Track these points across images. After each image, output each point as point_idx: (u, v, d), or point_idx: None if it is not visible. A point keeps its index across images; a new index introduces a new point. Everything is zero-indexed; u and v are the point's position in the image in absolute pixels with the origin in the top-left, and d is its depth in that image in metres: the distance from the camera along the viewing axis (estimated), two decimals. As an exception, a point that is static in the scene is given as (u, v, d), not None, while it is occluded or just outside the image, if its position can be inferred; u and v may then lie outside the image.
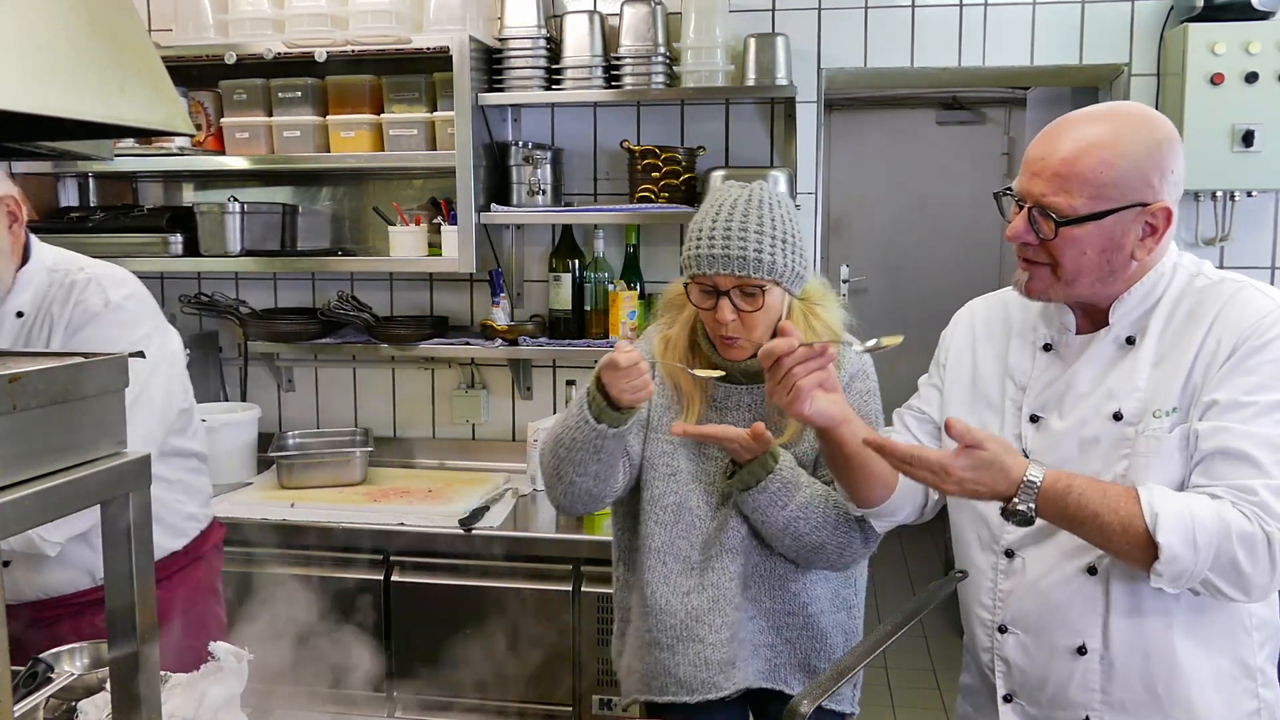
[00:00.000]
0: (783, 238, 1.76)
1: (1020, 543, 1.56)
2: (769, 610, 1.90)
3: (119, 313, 1.96)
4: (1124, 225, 1.43)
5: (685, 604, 1.87)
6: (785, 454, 1.83)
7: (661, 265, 3.21)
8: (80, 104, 0.98)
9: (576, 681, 2.67)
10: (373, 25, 2.90)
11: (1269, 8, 2.77)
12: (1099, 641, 1.50)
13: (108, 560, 1.07)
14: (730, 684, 1.86)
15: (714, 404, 1.89)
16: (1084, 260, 1.44)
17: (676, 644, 1.87)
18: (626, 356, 1.66)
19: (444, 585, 2.69)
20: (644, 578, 1.90)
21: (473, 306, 3.33)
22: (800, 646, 1.92)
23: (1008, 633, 1.58)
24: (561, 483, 1.82)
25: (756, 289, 1.75)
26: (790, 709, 1.31)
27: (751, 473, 1.78)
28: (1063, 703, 1.54)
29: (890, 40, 3.03)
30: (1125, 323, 1.50)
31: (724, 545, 1.86)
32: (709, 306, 1.79)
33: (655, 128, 3.16)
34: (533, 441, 3.03)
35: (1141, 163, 1.41)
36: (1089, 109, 1.49)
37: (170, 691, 1.48)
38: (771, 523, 1.81)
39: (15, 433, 0.92)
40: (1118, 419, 1.47)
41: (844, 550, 1.83)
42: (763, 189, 1.80)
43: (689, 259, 1.78)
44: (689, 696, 1.86)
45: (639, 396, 1.69)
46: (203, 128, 3.13)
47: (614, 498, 1.90)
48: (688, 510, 1.88)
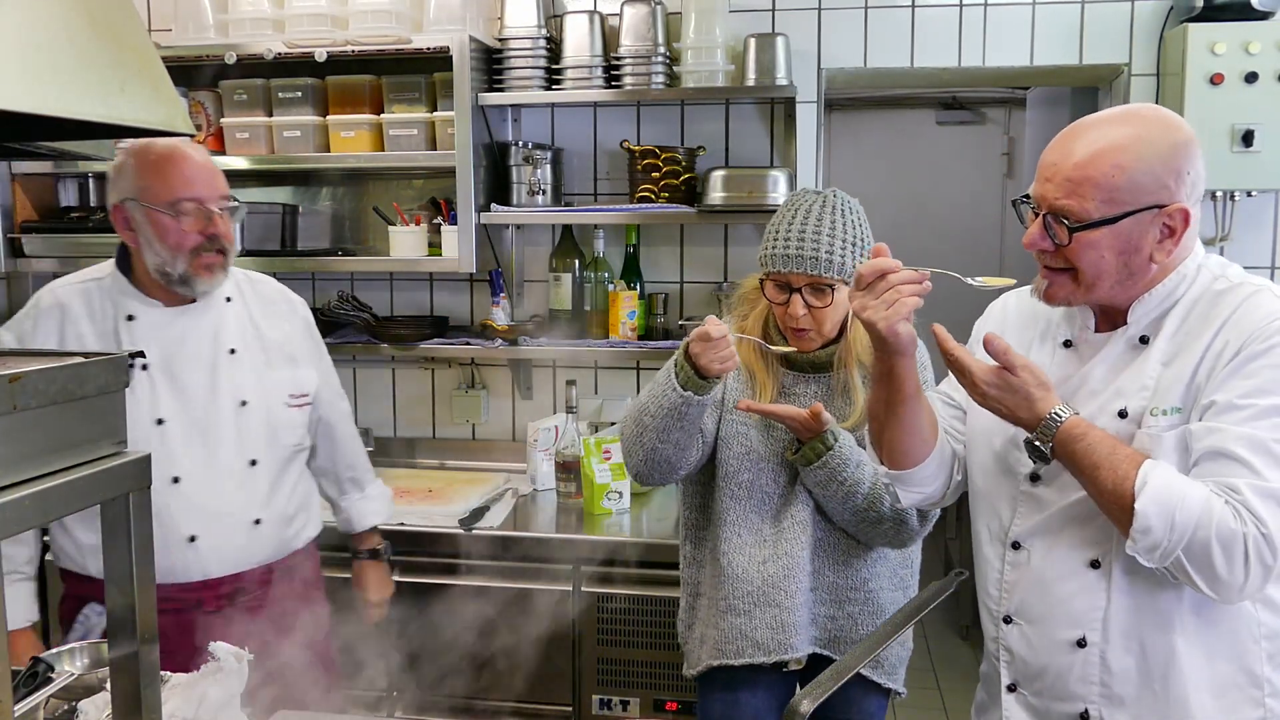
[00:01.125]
0: (853, 241, 1.94)
1: (1027, 535, 1.57)
2: (832, 584, 2.03)
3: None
4: (1141, 228, 1.43)
5: (761, 572, 2.00)
6: (845, 434, 1.96)
7: (661, 265, 3.22)
8: (80, 104, 0.98)
9: (576, 681, 2.68)
10: (373, 25, 2.90)
11: (1269, 8, 2.77)
12: (1099, 635, 1.51)
13: (108, 560, 1.07)
14: (804, 646, 2.01)
15: (783, 390, 2.05)
16: (1102, 264, 1.45)
17: (754, 609, 2.00)
18: (717, 328, 1.82)
19: (444, 585, 2.69)
20: (720, 549, 2.03)
21: (473, 306, 3.33)
22: (861, 621, 2.04)
23: (1011, 623, 1.60)
24: (643, 449, 1.96)
25: (827, 287, 1.93)
26: (790, 708, 1.31)
27: (813, 449, 1.93)
28: (1062, 694, 1.55)
29: (890, 40, 3.03)
30: (1142, 323, 1.51)
31: (794, 519, 2.00)
32: (782, 301, 1.96)
33: (655, 128, 3.16)
34: (533, 441, 3.03)
35: (1156, 165, 1.41)
36: (1105, 112, 1.49)
37: (170, 691, 1.49)
38: (831, 497, 1.96)
39: (15, 433, 0.92)
40: (1122, 416, 1.48)
41: (900, 527, 1.98)
42: (836, 195, 1.97)
43: (766, 257, 1.96)
44: (765, 657, 2.00)
45: (725, 366, 1.85)
46: (203, 128, 3.13)
47: (688, 470, 2.03)
48: (759, 486, 2.02)
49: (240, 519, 2.06)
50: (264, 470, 2.10)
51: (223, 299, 2.10)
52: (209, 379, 2.04)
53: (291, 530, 2.19)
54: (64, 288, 2.06)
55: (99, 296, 2.04)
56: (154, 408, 2.00)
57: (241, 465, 2.07)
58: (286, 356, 2.19)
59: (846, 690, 1.73)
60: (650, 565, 2.62)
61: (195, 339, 2.05)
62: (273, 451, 2.12)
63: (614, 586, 2.64)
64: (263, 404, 2.10)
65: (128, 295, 2.03)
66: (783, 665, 2.05)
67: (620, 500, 2.83)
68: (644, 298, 3.11)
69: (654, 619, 2.62)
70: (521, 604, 2.66)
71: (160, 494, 1.95)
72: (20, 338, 2.02)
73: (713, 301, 3.15)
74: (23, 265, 3.11)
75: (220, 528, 2.04)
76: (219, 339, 2.07)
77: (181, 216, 1.95)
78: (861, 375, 2.02)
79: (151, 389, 2.00)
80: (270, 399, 2.12)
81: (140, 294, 2.04)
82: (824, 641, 2.05)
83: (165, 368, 2.01)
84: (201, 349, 2.05)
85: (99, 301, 2.04)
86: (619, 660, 2.65)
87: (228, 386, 2.06)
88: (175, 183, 1.94)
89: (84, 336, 2.01)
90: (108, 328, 2.02)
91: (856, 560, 2.04)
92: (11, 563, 2.00)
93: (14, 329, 2.04)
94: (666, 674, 2.62)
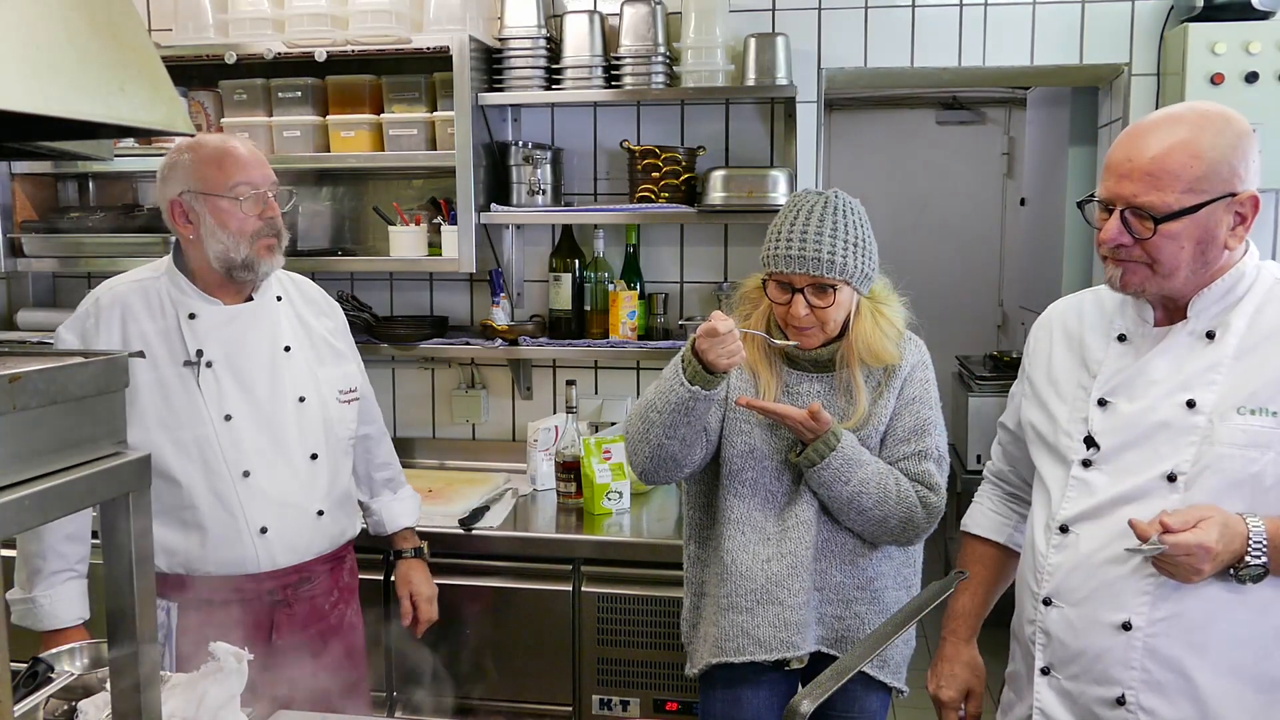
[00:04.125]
0: (854, 241, 1.94)
1: (1075, 519, 1.59)
2: (839, 584, 2.04)
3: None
4: (1216, 217, 1.47)
5: (765, 570, 2.00)
6: (848, 434, 1.97)
7: (661, 265, 3.22)
8: (80, 104, 0.98)
9: (576, 681, 2.68)
10: (373, 25, 2.90)
11: (1269, 8, 2.77)
12: (1144, 619, 1.51)
13: (107, 561, 1.07)
14: (806, 644, 2.01)
15: (787, 389, 2.05)
16: (1181, 254, 1.48)
17: (757, 607, 2.00)
18: (724, 324, 1.85)
19: (444, 585, 2.68)
20: (724, 546, 2.04)
21: (473, 306, 3.33)
22: (868, 620, 2.05)
23: (1051, 605, 1.61)
24: (649, 445, 1.97)
25: (829, 287, 1.94)
26: (790, 708, 1.31)
27: (816, 450, 1.93)
28: (1100, 678, 1.55)
29: (890, 40, 3.03)
30: (1205, 317, 1.54)
31: (798, 518, 2.01)
32: (785, 302, 1.97)
33: (655, 128, 3.16)
34: (533, 441, 3.03)
35: (1226, 154, 1.46)
36: (1163, 111, 1.54)
37: (170, 691, 1.49)
38: (836, 497, 1.96)
39: (15, 433, 0.92)
40: (1190, 407, 1.51)
41: (907, 525, 1.99)
42: (838, 195, 1.98)
43: (768, 258, 1.96)
44: (766, 655, 2.00)
45: (732, 361, 1.87)
46: (203, 128, 3.13)
47: (692, 469, 2.05)
48: (763, 484, 2.03)
49: (306, 510, 2.12)
50: (324, 463, 2.16)
51: (274, 298, 2.15)
52: (269, 375, 2.09)
53: (347, 522, 2.27)
54: (122, 285, 2.08)
55: (157, 294, 2.07)
56: (221, 404, 2.03)
57: (304, 459, 2.12)
58: (334, 353, 2.24)
59: (848, 688, 1.74)
60: (650, 565, 2.62)
61: (255, 336, 2.09)
62: (330, 445, 2.17)
63: (614, 586, 2.64)
64: (318, 399, 2.15)
65: (188, 294, 2.06)
66: (784, 664, 2.05)
67: (620, 500, 2.83)
68: (644, 298, 3.11)
69: (654, 619, 2.62)
70: (521, 604, 2.66)
71: (233, 487, 2.02)
72: (83, 337, 2.04)
73: (713, 301, 3.15)
74: (23, 265, 3.11)
75: (289, 519, 2.09)
76: (275, 336, 2.11)
77: (241, 201, 2.01)
78: (864, 374, 2.03)
79: (217, 386, 2.04)
80: (324, 394, 2.17)
81: (201, 292, 2.07)
82: (831, 641, 2.05)
83: (229, 364, 2.05)
84: (261, 346, 2.09)
85: (158, 299, 2.06)
86: (619, 660, 2.65)
87: (287, 382, 2.11)
88: (232, 170, 2.01)
89: (146, 334, 2.03)
90: (170, 325, 2.04)
91: (863, 560, 2.05)
92: (65, 560, 2.03)
93: (75, 328, 2.06)
94: (666, 674, 2.62)
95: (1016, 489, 1.90)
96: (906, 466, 2.01)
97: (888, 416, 2.03)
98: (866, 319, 2.01)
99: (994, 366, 4.25)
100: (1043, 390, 1.72)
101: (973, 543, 1.93)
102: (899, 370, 2.03)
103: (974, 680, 1.87)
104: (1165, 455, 1.52)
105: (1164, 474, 1.51)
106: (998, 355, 4.39)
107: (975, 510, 1.96)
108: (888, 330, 2.02)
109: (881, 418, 2.02)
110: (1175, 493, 1.50)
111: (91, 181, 3.39)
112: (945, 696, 1.86)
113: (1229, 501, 1.46)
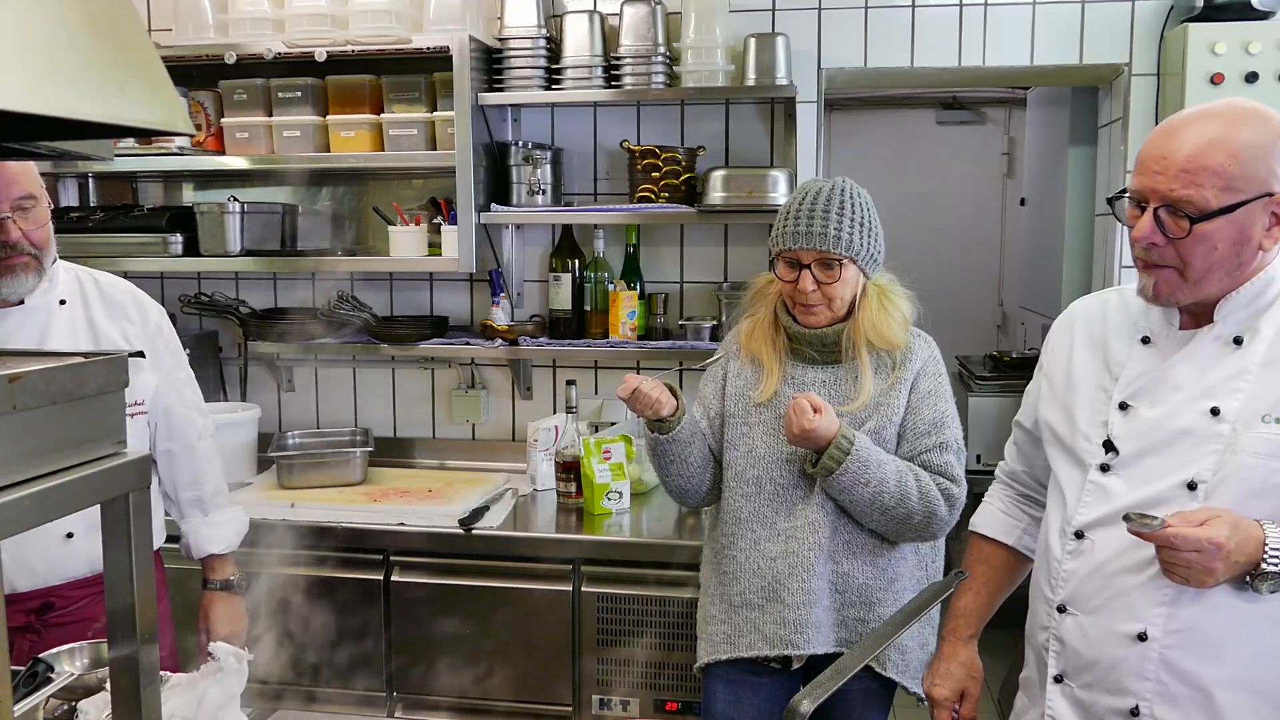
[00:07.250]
0: (860, 221, 2.01)
1: (1091, 525, 1.55)
2: (861, 585, 2.05)
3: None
4: (1252, 217, 1.42)
5: (772, 568, 2.05)
6: (860, 435, 1.98)
7: (661, 265, 3.21)
8: (80, 104, 0.98)
9: (576, 681, 2.67)
10: (373, 25, 2.89)
11: (1269, 8, 2.77)
12: (1160, 630, 1.48)
13: (107, 560, 1.07)
14: (807, 646, 2.02)
15: (791, 379, 2.09)
16: (1214, 256, 1.43)
17: (765, 604, 2.05)
18: (622, 390, 1.98)
19: (444, 585, 2.69)
20: (737, 544, 2.08)
21: (473, 306, 3.33)
22: (891, 620, 2.01)
23: (1066, 613, 1.58)
24: (661, 482, 2.16)
25: (835, 262, 1.99)
26: (791, 708, 1.31)
27: (831, 457, 1.95)
28: (1114, 688, 1.52)
29: (890, 40, 3.03)
30: (1232, 321, 1.49)
31: (807, 518, 2.03)
32: (792, 279, 2.01)
33: (655, 128, 3.16)
34: (533, 441, 3.03)
35: (1263, 153, 1.41)
36: (1197, 108, 1.48)
37: (170, 691, 1.48)
38: (858, 500, 1.97)
39: (15, 433, 0.92)
40: (1214, 414, 1.46)
41: (930, 519, 2.00)
42: (845, 181, 2.05)
43: (777, 236, 2.03)
44: (770, 650, 2.04)
45: (656, 411, 2.01)
46: (203, 128, 3.13)
47: (709, 488, 2.15)
48: (768, 484, 2.06)
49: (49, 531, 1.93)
50: None
51: (55, 301, 2.04)
52: None
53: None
54: None
55: None
56: None
57: None
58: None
59: (849, 687, 1.73)
60: (650, 565, 2.62)
61: (20, 341, 1.97)
62: None
63: (614, 586, 2.64)
64: None
65: None
66: (788, 663, 2.06)
67: (620, 500, 2.83)
68: (644, 298, 3.11)
69: (654, 619, 2.62)
70: (521, 604, 2.66)
71: None
72: None
73: (713, 301, 3.15)
74: (23, 265, 3.11)
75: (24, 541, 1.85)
76: (44, 341, 2.00)
77: None
78: (872, 361, 2.03)
79: None
80: None
81: None
82: (851, 643, 2.04)
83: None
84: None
85: None
86: (619, 660, 2.64)
87: None
88: None
89: None
90: None
91: (883, 560, 2.06)
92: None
93: None
94: (666, 674, 2.62)
95: (1029, 490, 1.86)
96: (928, 459, 2.02)
97: (900, 410, 2.03)
98: (873, 301, 2.05)
99: (994, 366, 4.24)
100: (1061, 390, 1.68)
101: (980, 542, 1.90)
102: (910, 364, 2.04)
103: (969, 681, 1.85)
104: (1186, 463, 1.47)
105: (1184, 482, 1.47)
106: (998, 355, 4.38)
107: (985, 510, 1.93)
108: (894, 314, 2.05)
109: (894, 410, 2.03)
110: (1195, 501, 1.45)
111: (91, 181, 3.39)
112: (938, 695, 1.85)
113: (1250, 511, 1.41)
